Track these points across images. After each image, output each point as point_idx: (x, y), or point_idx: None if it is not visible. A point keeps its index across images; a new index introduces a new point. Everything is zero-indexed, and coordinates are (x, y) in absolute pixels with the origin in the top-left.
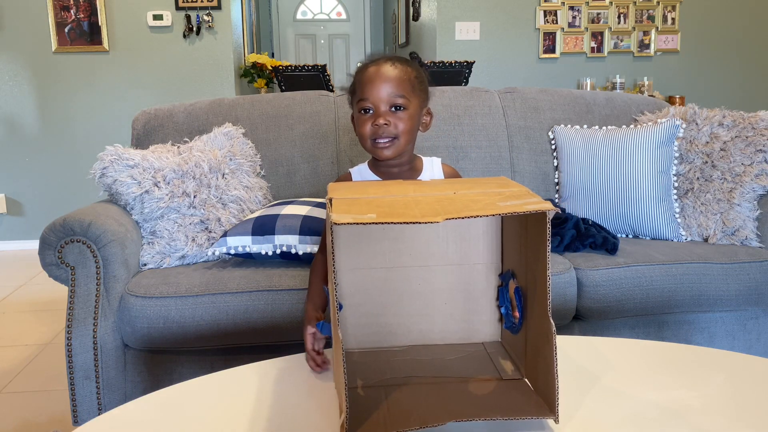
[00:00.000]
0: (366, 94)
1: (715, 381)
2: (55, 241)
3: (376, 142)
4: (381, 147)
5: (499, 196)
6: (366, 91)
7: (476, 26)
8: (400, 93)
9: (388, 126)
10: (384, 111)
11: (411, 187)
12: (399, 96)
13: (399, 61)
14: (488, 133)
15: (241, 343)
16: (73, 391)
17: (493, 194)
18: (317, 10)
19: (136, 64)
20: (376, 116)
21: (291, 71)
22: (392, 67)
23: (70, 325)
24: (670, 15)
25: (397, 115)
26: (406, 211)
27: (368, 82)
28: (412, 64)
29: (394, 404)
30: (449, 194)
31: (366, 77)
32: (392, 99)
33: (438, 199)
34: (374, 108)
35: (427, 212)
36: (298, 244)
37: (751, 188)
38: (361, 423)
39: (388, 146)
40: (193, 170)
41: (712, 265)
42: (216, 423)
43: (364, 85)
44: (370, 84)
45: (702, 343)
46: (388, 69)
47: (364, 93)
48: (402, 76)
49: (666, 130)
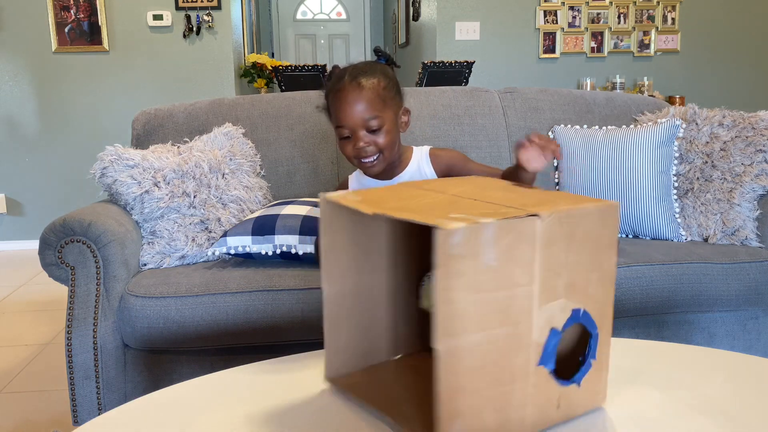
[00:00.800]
0: (341, 121)
1: (715, 381)
2: (55, 241)
3: (362, 162)
4: (368, 166)
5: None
6: (340, 117)
7: (476, 26)
8: (373, 115)
9: (368, 147)
10: (362, 134)
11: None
12: (373, 118)
13: (365, 75)
14: (488, 133)
15: (241, 343)
16: (73, 391)
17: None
18: (317, 10)
19: (136, 64)
20: (356, 140)
21: (291, 71)
22: (359, 89)
23: (70, 325)
24: (670, 15)
25: (376, 135)
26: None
27: (340, 107)
28: (380, 72)
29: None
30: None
31: (337, 100)
32: (367, 122)
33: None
34: (351, 133)
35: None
36: (298, 244)
37: (751, 188)
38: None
39: (375, 164)
40: (193, 170)
41: (712, 265)
42: (216, 423)
43: (337, 110)
44: (341, 111)
45: (702, 343)
46: (355, 92)
47: (338, 120)
48: (371, 95)
49: (666, 130)
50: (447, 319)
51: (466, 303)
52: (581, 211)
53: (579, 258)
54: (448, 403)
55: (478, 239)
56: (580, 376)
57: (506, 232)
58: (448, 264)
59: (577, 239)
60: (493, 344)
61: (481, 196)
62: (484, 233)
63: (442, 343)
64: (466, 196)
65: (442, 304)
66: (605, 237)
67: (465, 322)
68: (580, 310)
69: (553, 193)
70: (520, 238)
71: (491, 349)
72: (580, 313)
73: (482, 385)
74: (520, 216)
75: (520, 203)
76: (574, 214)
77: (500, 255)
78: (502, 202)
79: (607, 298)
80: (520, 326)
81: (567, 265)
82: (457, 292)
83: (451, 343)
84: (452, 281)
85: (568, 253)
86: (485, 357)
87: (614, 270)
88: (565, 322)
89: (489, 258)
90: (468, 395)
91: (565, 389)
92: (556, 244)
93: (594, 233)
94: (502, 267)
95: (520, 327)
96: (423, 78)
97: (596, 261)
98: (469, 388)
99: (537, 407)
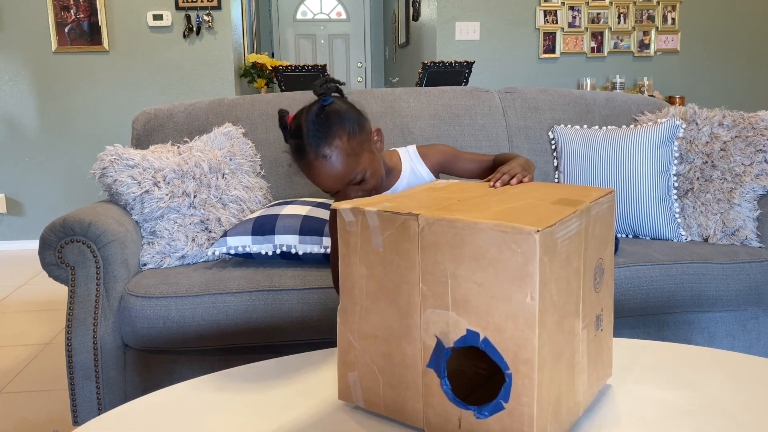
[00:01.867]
0: (323, 188)
1: (715, 381)
2: (55, 241)
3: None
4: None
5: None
6: (321, 186)
7: (476, 26)
8: (351, 174)
9: (359, 193)
10: (349, 190)
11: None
12: (352, 176)
13: (326, 144)
14: (488, 133)
15: (241, 343)
16: (73, 391)
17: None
18: (317, 10)
19: (136, 64)
20: (345, 197)
21: (291, 71)
22: (328, 163)
23: (70, 325)
24: (670, 15)
25: (362, 183)
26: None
27: (317, 182)
28: (335, 132)
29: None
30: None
31: (312, 176)
32: (349, 183)
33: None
34: (338, 193)
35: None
36: (298, 244)
37: (751, 188)
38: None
39: (375, 194)
40: (193, 170)
41: (712, 265)
42: (216, 423)
43: (315, 182)
44: (320, 183)
45: (702, 343)
46: (326, 167)
47: (320, 187)
48: (341, 160)
49: (666, 130)
50: (345, 279)
51: (359, 276)
52: (471, 224)
53: (472, 275)
54: (344, 353)
55: (365, 223)
56: (482, 410)
57: (389, 223)
58: (345, 237)
59: (467, 254)
60: (383, 321)
61: (463, 196)
62: (370, 220)
63: (342, 300)
64: (452, 196)
65: (343, 266)
66: (512, 265)
67: (359, 290)
68: (479, 335)
69: (528, 202)
70: (402, 234)
71: (382, 326)
72: (479, 338)
73: (375, 353)
74: (402, 213)
75: (437, 204)
76: (461, 226)
77: (387, 244)
78: (440, 202)
79: (523, 341)
80: (411, 319)
81: (455, 278)
82: (352, 261)
83: (348, 302)
84: (348, 250)
85: (455, 264)
86: (376, 329)
87: (533, 311)
88: (458, 339)
89: (376, 243)
90: (361, 354)
91: (466, 413)
92: (439, 251)
93: (492, 255)
94: (390, 255)
95: (410, 319)
96: (423, 78)
97: (500, 289)
98: (361, 349)
99: (432, 408)
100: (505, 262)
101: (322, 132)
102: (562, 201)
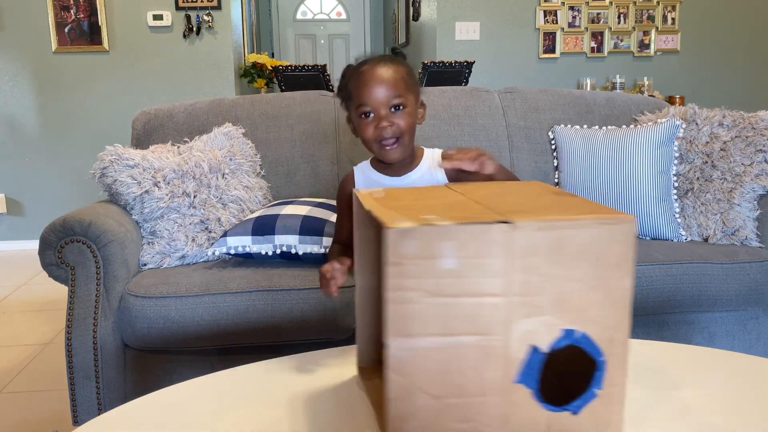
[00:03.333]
0: (364, 99)
1: (715, 381)
2: (55, 241)
3: (382, 144)
4: (388, 149)
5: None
6: (363, 96)
7: (476, 26)
8: (396, 93)
9: (391, 127)
10: (385, 114)
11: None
12: (396, 96)
13: (389, 60)
14: (488, 133)
15: (241, 343)
16: (73, 391)
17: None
18: (317, 10)
19: (136, 64)
20: (378, 119)
21: (291, 71)
22: (385, 68)
23: (70, 325)
24: (670, 15)
25: (397, 115)
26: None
27: (364, 86)
28: (401, 62)
29: None
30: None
31: (361, 81)
32: (391, 100)
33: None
34: (375, 111)
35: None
36: (298, 244)
37: (751, 188)
38: None
39: (395, 147)
40: (193, 170)
41: (712, 265)
42: (216, 423)
43: (361, 89)
44: (366, 88)
45: (702, 343)
46: (381, 71)
47: (361, 98)
48: (396, 75)
49: (666, 130)
50: (399, 319)
51: (421, 305)
52: (573, 222)
53: (572, 273)
54: (398, 403)
55: (433, 241)
56: (577, 404)
57: (470, 236)
58: (400, 263)
59: (567, 253)
60: (457, 351)
61: (492, 201)
62: (442, 236)
63: (393, 342)
64: (478, 200)
65: (393, 303)
66: (612, 254)
67: (420, 324)
68: (575, 332)
69: (574, 202)
70: (489, 245)
71: (455, 357)
72: (576, 335)
73: (444, 391)
74: (488, 222)
75: (508, 209)
76: (562, 225)
77: (465, 260)
78: (497, 208)
79: (618, 323)
80: (491, 338)
81: (553, 280)
82: (411, 293)
83: (404, 343)
84: (405, 281)
85: (554, 266)
86: (447, 363)
87: (627, 292)
88: (554, 342)
89: (450, 262)
90: (425, 399)
91: (556, 415)
92: (537, 255)
93: (595, 248)
94: (468, 273)
95: (491, 339)
96: (423, 78)
97: (599, 279)
98: (425, 392)
99: (522, 427)
100: (606, 252)
101: (389, 58)
102: (559, 192)
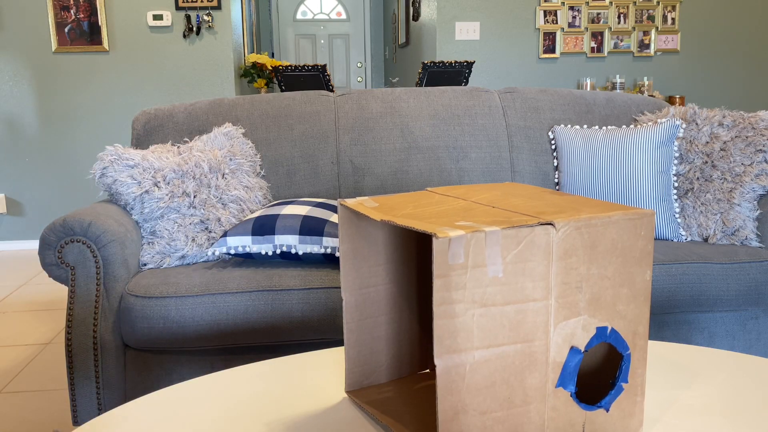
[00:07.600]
0: None
1: (715, 381)
2: (55, 241)
3: None
4: None
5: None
6: None
7: (476, 26)
8: None
9: None
10: None
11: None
12: None
13: None
14: (488, 133)
15: (241, 343)
16: (73, 391)
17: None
18: (317, 10)
19: (136, 64)
20: None
21: (291, 71)
22: None
23: (70, 325)
24: (670, 15)
25: None
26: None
27: None
28: None
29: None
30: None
31: None
32: None
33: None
34: None
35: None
36: (298, 244)
37: (751, 188)
38: None
39: None
40: (193, 170)
41: (712, 265)
42: (216, 423)
43: None
44: None
45: (702, 343)
46: None
47: None
48: None
49: (666, 130)
50: (448, 334)
51: (469, 317)
52: (606, 219)
53: (604, 271)
54: (449, 424)
55: (481, 249)
56: (608, 400)
57: (515, 241)
58: (447, 274)
59: (601, 250)
60: (502, 362)
61: (502, 203)
62: (489, 242)
63: (442, 359)
64: (485, 203)
65: (441, 318)
66: (637, 248)
67: (469, 338)
68: (607, 329)
69: (582, 200)
70: (531, 248)
71: (501, 368)
72: (607, 331)
73: (491, 405)
74: (531, 224)
75: (537, 211)
76: (597, 223)
77: (509, 266)
78: (520, 210)
79: (640, 316)
80: (534, 344)
81: (589, 279)
82: (459, 305)
83: (453, 359)
84: (453, 293)
85: (590, 265)
86: (494, 375)
87: (648, 285)
88: (589, 341)
89: (495, 269)
90: (473, 416)
91: (590, 414)
92: (574, 255)
93: (622, 244)
94: (512, 279)
95: (534, 345)
96: (423, 78)
97: (626, 275)
98: (474, 409)
99: (561, 431)
100: (632, 247)
101: None
102: (552, 192)
